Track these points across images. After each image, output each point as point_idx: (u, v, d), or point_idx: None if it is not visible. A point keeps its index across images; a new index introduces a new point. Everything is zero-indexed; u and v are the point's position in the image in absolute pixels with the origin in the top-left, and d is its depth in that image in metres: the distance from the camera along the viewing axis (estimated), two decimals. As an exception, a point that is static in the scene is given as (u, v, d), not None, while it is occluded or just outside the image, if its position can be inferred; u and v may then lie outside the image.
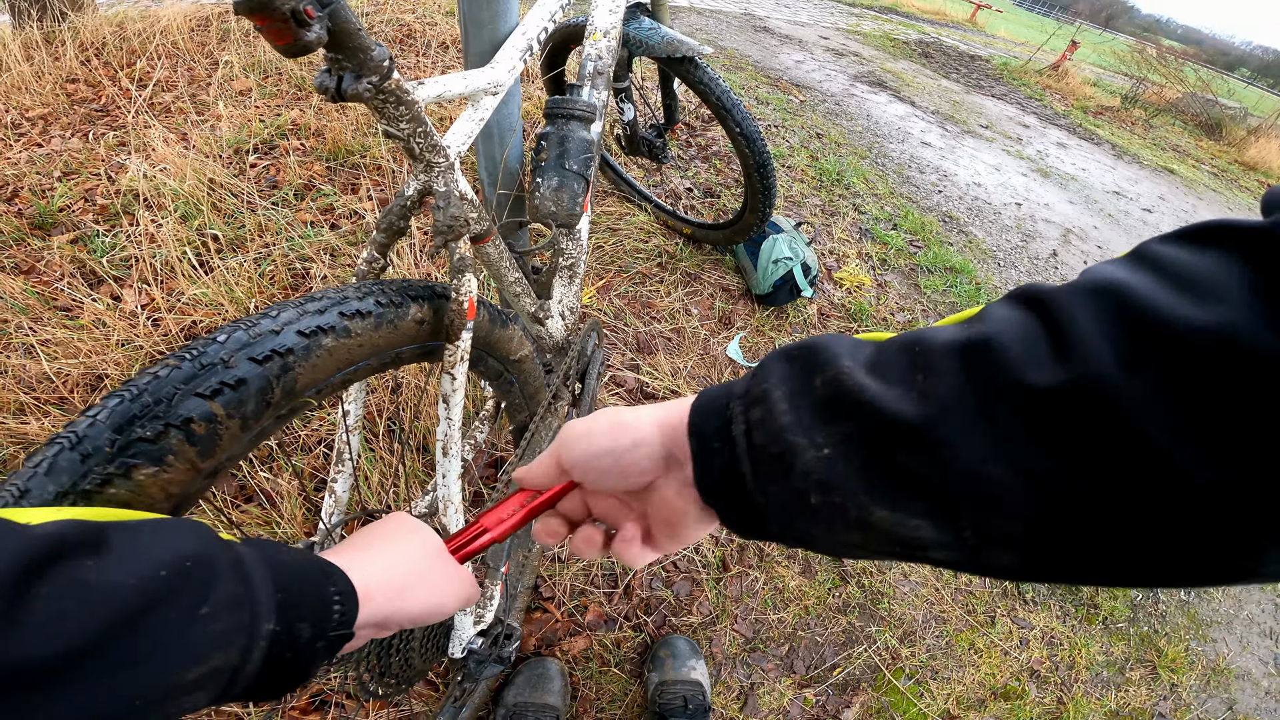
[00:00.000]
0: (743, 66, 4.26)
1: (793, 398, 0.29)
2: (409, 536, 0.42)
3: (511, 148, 1.05)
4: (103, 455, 0.39)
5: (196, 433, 0.43)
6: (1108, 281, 0.24)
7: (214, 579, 0.27)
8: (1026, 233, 3.10)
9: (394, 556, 0.39)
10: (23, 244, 1.64)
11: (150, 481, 0.40)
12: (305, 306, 0.52)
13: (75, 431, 0.40)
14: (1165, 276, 0.23)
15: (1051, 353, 0.23)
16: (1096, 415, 0.21)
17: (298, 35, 0.43)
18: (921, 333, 0.28)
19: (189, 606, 0.25)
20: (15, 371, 1.20)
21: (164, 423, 0.41)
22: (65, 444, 0.39)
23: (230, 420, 0.45)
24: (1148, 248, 0.25)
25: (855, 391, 0.27)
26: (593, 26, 1.14)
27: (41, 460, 0.38)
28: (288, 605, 0.30)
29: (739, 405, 0.31)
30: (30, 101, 2.51)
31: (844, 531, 0.28)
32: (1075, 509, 0.22)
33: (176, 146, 2.00)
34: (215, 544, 0.28)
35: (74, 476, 0.38)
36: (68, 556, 0.23)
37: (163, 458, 0.41)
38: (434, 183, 0.64)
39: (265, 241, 1.60)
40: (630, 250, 1.84)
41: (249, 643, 0.27)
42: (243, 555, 0.29)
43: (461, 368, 0.65)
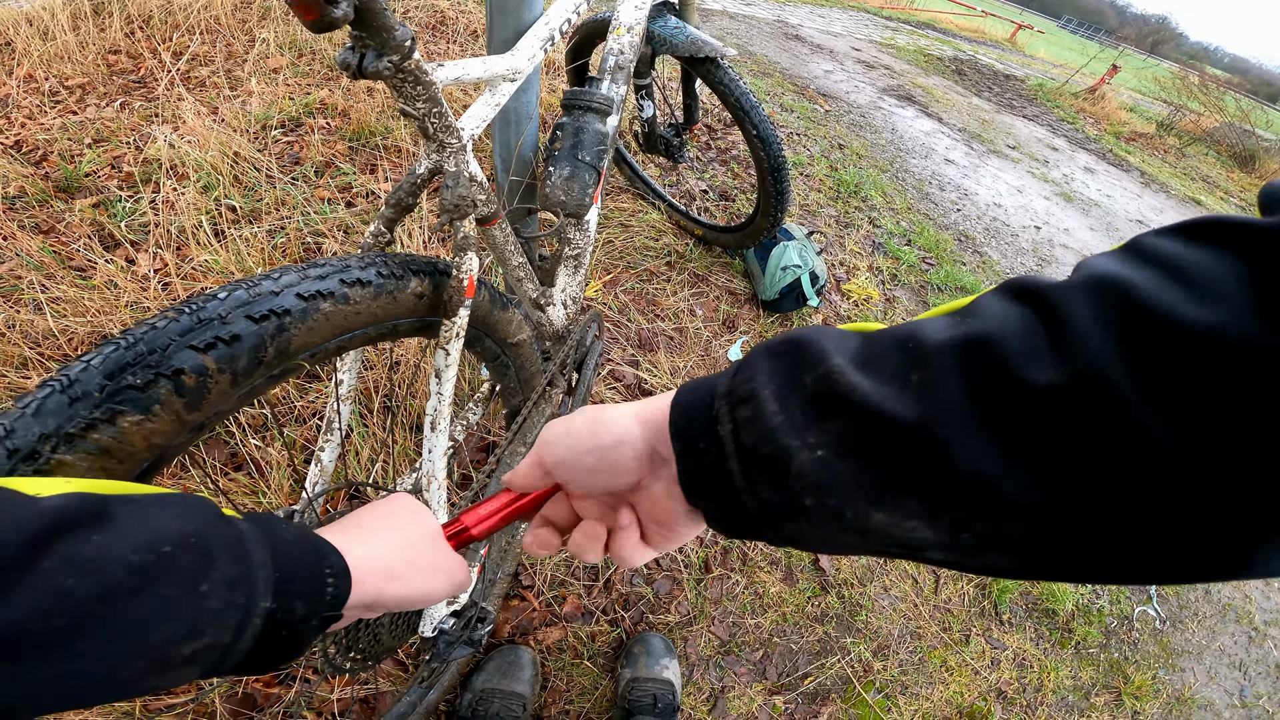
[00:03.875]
0: (770, 73, 4.25)
1: (781, 396, 0.28)
2: (408, 520, 0.42)
3: (527, 135, 1.06)
4: (91, 400, 0.40)
5: (186, 384, 0.43)
6: (1106, 277, 0.23)
7: (213, 556, 0.27)
8: (1043, 257, 3.07)
9: (390, 540, 0.39)
10: (46, 205, 1.67)
11: (134, 430, 0.41)
12: (308, 271, 0.53)
13: (68, 375, 0.41)
14: (1163, 272, 0.22)
15: (1050, 350, 0.23)
16: (1097, 413, 0.21)
17: (325, 11, 0.44)
18: (913, 327, 0.27)
19: (188, 582, 0.26)
20: (23, 326, 1.22)
21: (155, 372, 0.42)
22: (56, 387, 0.40)
23: (221, 375, 0.45)
24: (1144, 242, 0.25)
25: (848, 391, 0.26)
26: (617, 21, 1.15)
27: (31, 401, 0.39)
28: (285, 583, 0.30)
29: (724, 404, 0.29)
30: (71, 70, 2.56)
31: (839, 533, 0.27)
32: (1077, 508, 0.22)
33: (206, 119, 2.04)
34: (217, 521, 0.28)
35: (60, 420, 0.39)
36: (72, 529, 0.24)
37: (149, 407, 0.42)
38: (445, 162, 0.65)
39: (281, 215, 1.62)
40: (640, 247, 1.85)
41: (244, 619, 0.28)
42: (244, 533, 0.29)
43: (456, 344, 0.66)
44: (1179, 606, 1.76)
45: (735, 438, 0.28)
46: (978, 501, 0.24)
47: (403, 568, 0.38)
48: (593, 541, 0.36)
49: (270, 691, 0.93)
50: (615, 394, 1.48)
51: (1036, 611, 1.54)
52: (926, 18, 11.59)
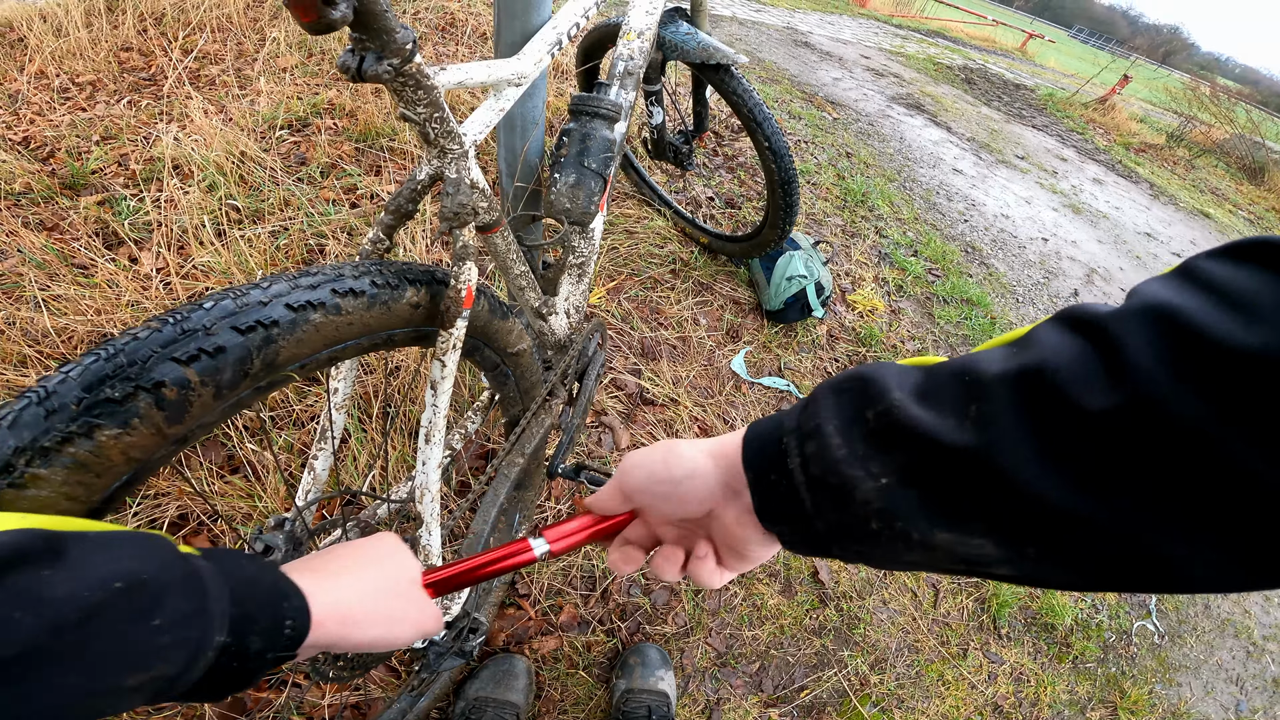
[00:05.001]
0: (779, 79, 4.25)
1: (845, 431, 0.30)
2: (380, 565, 0.42)
3: (533, 141, 1.05)
4: (68, 413, 0.38)
5: (167, 397, 0.42)
6: (1157, 303, 0.24)
7: (165, 594, 0.27)
8: (1050, 269, 3.05)
9: (357, 586, 0.40)
10: (51, 202, 1.67)
11: (111, 443, 0.40)
12: (299, 280, 0.52)
13: (45, 387, 0.39)
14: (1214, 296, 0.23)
15: (1105, 376, 0.24)
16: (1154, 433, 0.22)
17: (323, 13, 0.43)
18: (970, 361, 0.29)
19: (137, 619, 0.26)
20: (23, 324, 1.22)
21: (134, 384, 0.41)
22: (33, 399, 0.38)
23: (204, 388, 0.44)
24: (1195, 265, 0.25)
25: (908, 423, 0.28)
26: (627, 26, 1.13)
27: (7, 414, 0.38)
28: (242, 619, 0.30)
29: (793, 440, 0.32)
30: (82, 67, 2.57)
31: (905, 552, 0.29)
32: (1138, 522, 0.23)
33: (214, 118, 2.04)
34: (172, 560, 0.29)
35: (35, 432, 0.37)
36: (23, 566, 0.24)
37: (128, 420, 0.40)
38: (446, 169, 0.64)
39: (285, 216, 1.61)
40: (645, 254, 1.83)
41: (196, 653, 0.28)
42: (200, 570, 0.30)
43: (453, 355, 0.64)
44: (1178, 621, 1.74)
45: (804, 469, 0.31)
46: (1039, 521, 0.25)
47: (364, 616, 0.39)
48: (671, 564, 0.40)
49: (260, 696, 0.92)
50: (617, 403, 1.46)
51: (1035, 626, 1.53)
52: (936, 26, 11.58)
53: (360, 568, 0.41)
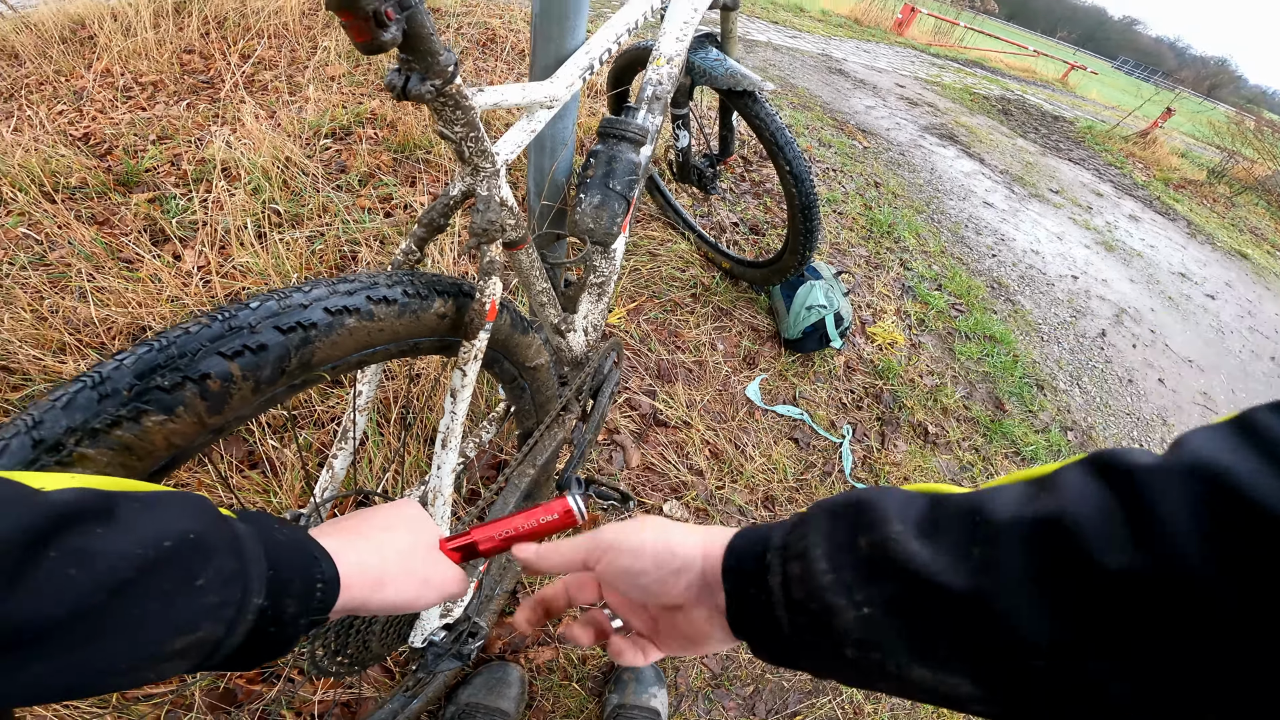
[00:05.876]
0: (810, 106, 4.27)
1: (834, 556, 0.30)
2: (406, 529, 0.44)
3: (561, 160, 1.08)
4: (119, 398, 0.42)
5: (210, 389, 0.45)
6: (1206, 463, 0.22)
7: (211, 553, 0.28)
8: (1078, 308, 3.01)
9: (385, 548, 0.41)
10: (104, 198, 1.75)
11: (156, 429, 0.43)
12: (337, 286, 0.55)
13: (100, 372, 0.42)
14: (1271, 460, 0.21)
15: (1130, 535, 0.22)
16: (1176, 604, 0.21)
17: (375, 34, 0.47)
18: (983, 499, 0.28)
19: (186, 578, 0.27)
20: (66, 313, 1.28)
21: (183, 375, 0.44)
22: (88, 383, 0.42)
23: (244, 382, 0.47)
24: (1256, 418, 0.23)
25: (903, 558, 0.27)
26: (658, 52, 1.16)
27: (62, 395, 0.41)
28: (278, 583, 0.31)
29: (776, 557, 0.32)
30: (146, 67, 2.68)
31: (878, 680, 0.29)
32: (1145, 687, 0.22)
33: (264, 123, 2.12)
34: (215, 520, 0.30)
35: (87, 414, 0.40)
36: (77, 524, 0.24)
37: (173, 408, 0.43)
38: (478, 186, 0.67)
39: (323, 221, 1.67)
40: (666, 277, 1.86)
41: (237, 615, 0.29)
42: (240, 533, 0.30)
43: (473, 366, 0.67)
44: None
45: (784, 589, 0.31)
46: (1028, 670, 0.24)
47: (392, 576, 0.40)
48: (641, 654, 0.41)
49: (252, 689, 0.94)
50: (630, 422, 1.48)
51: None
52: (975, 56, 11.55)
53: (385, 530, 0.42)
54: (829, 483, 1.56)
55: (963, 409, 2.00)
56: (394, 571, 0.40)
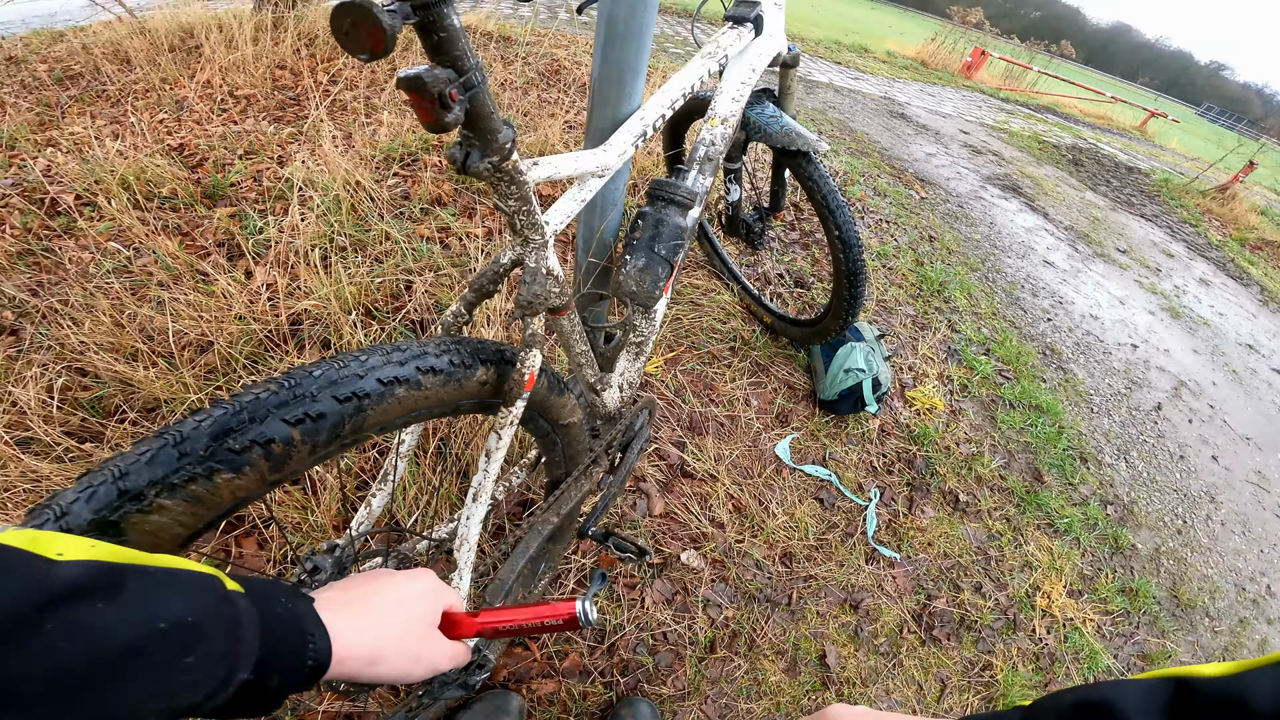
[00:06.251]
0: (868, 152, 4.24)
1: None
2: (411, 604, 0.46)
3: (610, 221, 1.12)
4: (196, 457, 0.46)
5: (274, 452, 0.50)
6: None
7: (205, 635, 0.30)
8: (1134, 380, 2.89)
9: (383, 625, 0.43)
10: (191, 210, 1.89)
11: (225, 485, 0.47)
12: (391, 355, 0.59)
13: (181, 431, 0.47)
14: None
15: None
16: None
17: (439, 115, 0.50)
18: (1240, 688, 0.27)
19: (175, 656, 0.28)
20: (142, 321, 1.38)
21: (251, 439, 0.49)
22: (169, 440, 0.47)
23: (303, 445, 0.52)
24: None
25: None
26: (713, 111, 1.17)
27: (147, 450, 0.46)
28: (267, 660, 0.33)
29: None
30: (243, 81, 2.86)
31: None
32: None
33: (340, 145, 2.25)
34: (218, 601, 0.32)
35: (168, 470, 0.45)
36: (81, 598, 0.26)
37: (241, 468, 0.48)
38: (526, 257, 0.71)
39: (384, 249, 1.76)
40: (707, 328, 1.89)
41: (219, 688, 0.31)
42: (240, 612, 0.33)
43: (509, 430, 0.71)
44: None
45: None
46: None
47: (386, 655, 0.42)
48: None
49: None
50: (657, 471, 1.50)
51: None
52: (1048, 101, 11.24)
53: (390, 606, 0.45)
54: (850, 544, 1.55)
55: (998, 478, 1.95)
56: (389, 651, 0.42)
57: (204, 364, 1.37)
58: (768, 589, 1.40)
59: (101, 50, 3.05)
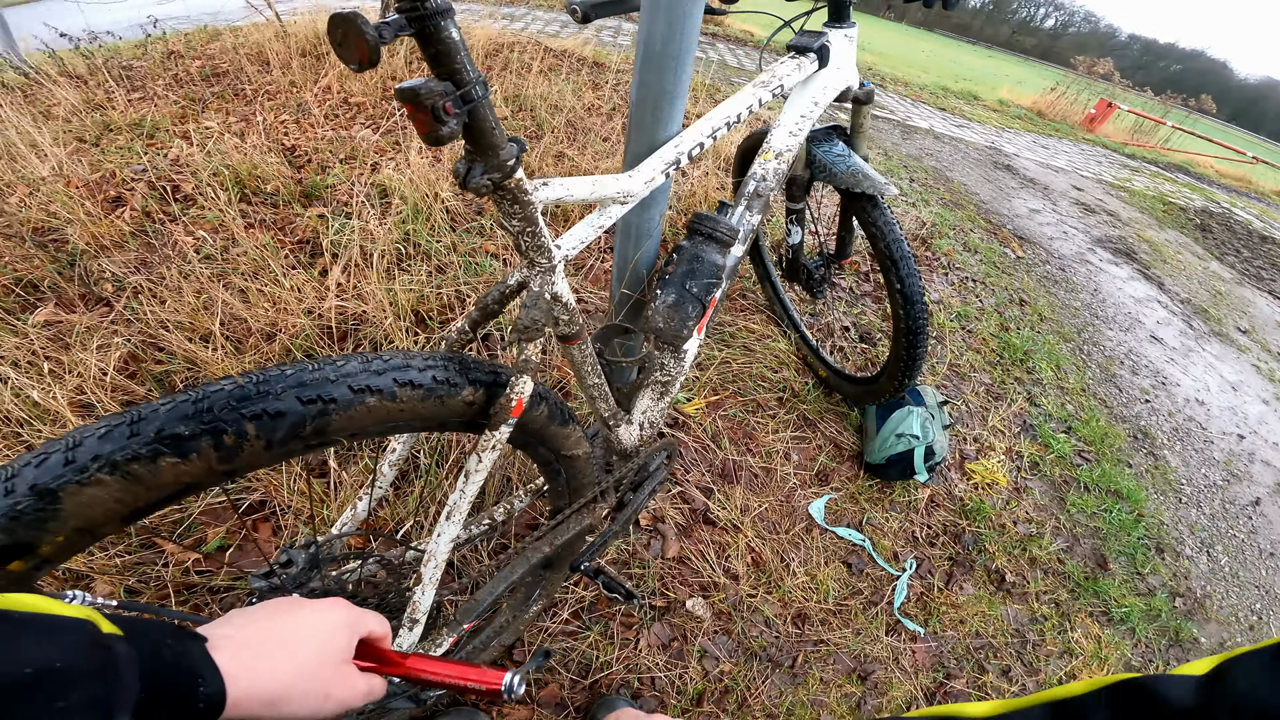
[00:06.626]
0: (963, 204, 4.00)
1: None
2: (322, 638, 0.44)
3: (645, 252, 1.09)
4: (145, 438, 0.47)
5: (225, 442, 0.49)
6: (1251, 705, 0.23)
7: (74, 683, 0.29)
8: (1234, 472, 2.53)
9: (290, 664, 0.41)
10: (288, 207, 2.04)
11: (169, 468, 0.47)
12: (371, 364, 0.59)
13: (140, 413, 0.48)
14: None
15: None
16: None
17: (434, 127, 0.49)
18: None
19: (44, 704, 0.28)
20: (221, 306, 1.48)
21: (202, 426, 0.49)
22: (127, 419, 0.47)
23: (257, 440, 0.51)
24: None
25: None
26: (767, 145, 1.13)
27: (105, 426, 0.47)
28: (151, 702, 0.32)
29: None
30: (357, 89, 3.09)
31: None
32: None
33: (427, 157, 2.37)
34: (88, 647, 0.31)
35: (115, 447, 0.46)
36: None
37: (188, 454, 0.48)
38: (531, 281, 0.69)
39: (448, 260, 1.82)
40: (756, 375, 1.81)
41: None
42: (116, 657, 0.32)
43: (490, 455, 0.68)
44: None
45: None
46: None
47: (290, 696, 0.40)
48: None
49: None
50: (679, 514, 1.44)
51: None
52: (1180, 160, 10.27)
53: (298, 644, 0.43)
54: (872, 613, 1.41)
55: (1055, 561, 1.74)
56: (294, 692, 0.40)
57: (267, 352, 1.45)
58: (772, 648, 1.30)
59: (246, 52, 3.40)
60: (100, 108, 2.62)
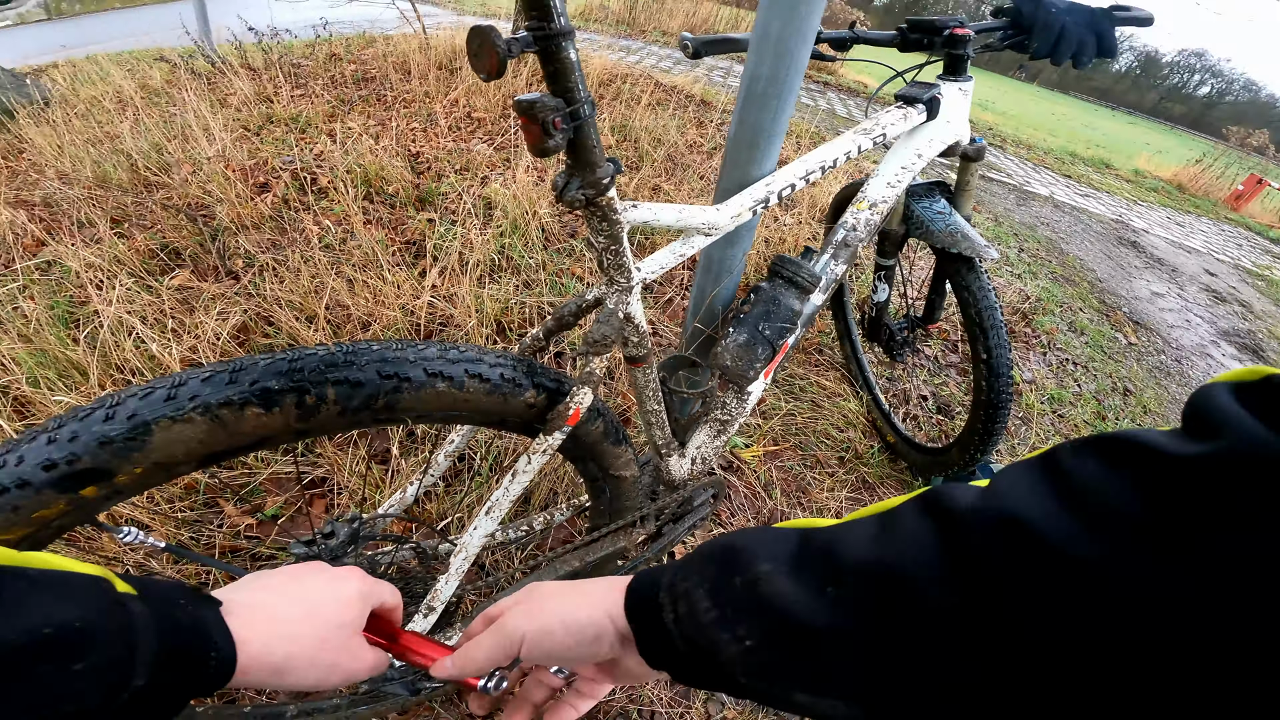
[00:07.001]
0: (1076, 281, 3.71)
1: (715, 594, 0.35)
2: (332, 609, 0.43)
3: (724, 288, 1.10)
4: (240, 387, 0.51)
5: (306, 402, 0.54)
6: (1013, 513, 0.27)
7: (93, 642, 0.28)
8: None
9: (297, 634, 0.40)
10: (403, 209, 2.20)
11: (252, 418, 0.52)
12: (447, 352, 0.62)
13: (241, 364, 0.53)
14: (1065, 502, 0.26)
15: (952, 576, 0.28)
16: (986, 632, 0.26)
17: (542, 139, 0.53)
18: (839, 537, 0.33)
19: (61, 666, 0.26)
20: (330, 291, 1.61)
21: (291, 384, 0.53)
22: (228, 368, 0.52)
23: (334, 405, 0.55)
24: (1059, 460, 0.28)
25: (770, 596, 0.32)
26: (862, 194, 1.10)
27: (209, 371, 0.52)
28: (164, 665, 0.31)
29: (666, 597, 0.37)
30: (480, 104, 3.31)
31: (773, 703, 0.33)
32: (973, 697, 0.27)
33: (533, 174, 2.50)
34: (107, 606, 0.30)
35: (213, 390, 0.50)
36: None
37: (271, 407, 0.52)
38: (607, 298, 0.72)
39: (536, 277, 1.90)
40: (820, 431, 1.76)
41: (109, 697, 0.28)
42: (133, 617, 0.30)
43: (540, 459, 0.70)
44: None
45: (677, 626, 0.36)
46: (889, 694, 0.29)
47: (296, 665, 0.40)
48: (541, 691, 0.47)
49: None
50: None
51: None
52: None
53: (308, 613, 0.42)
54: None
55: None
56: (300, 662, 0.40)
57: (360, 338, 1.56)
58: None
59: (393, 60, 3.72)
60: (267, 100, 2.95)
